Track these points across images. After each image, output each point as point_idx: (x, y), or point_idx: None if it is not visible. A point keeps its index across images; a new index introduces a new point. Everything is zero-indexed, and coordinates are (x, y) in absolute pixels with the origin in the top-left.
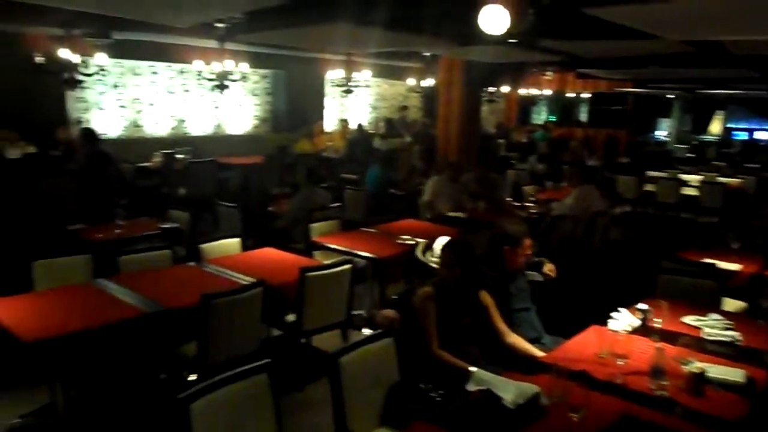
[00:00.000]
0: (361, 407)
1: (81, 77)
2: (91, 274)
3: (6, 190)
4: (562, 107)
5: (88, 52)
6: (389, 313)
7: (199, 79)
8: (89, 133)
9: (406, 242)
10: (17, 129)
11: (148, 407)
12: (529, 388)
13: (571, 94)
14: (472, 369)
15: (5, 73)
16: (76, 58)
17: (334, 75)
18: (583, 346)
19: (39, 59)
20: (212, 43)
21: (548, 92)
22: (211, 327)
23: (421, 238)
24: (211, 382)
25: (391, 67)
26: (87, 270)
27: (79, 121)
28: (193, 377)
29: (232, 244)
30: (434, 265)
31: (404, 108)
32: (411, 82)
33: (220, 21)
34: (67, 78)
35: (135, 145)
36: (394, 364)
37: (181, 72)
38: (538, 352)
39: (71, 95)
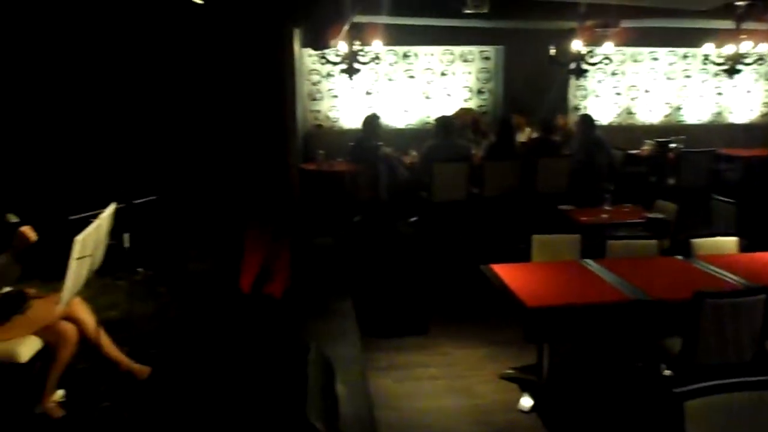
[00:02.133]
0: None
1: (586, 66)
2: (579, 253)
3: (517, 169)
4: None
5: (596, 42)
6: None
7: (704, 64)
8: (587, 119)
9: None
10: (526, 115)
11: (624, 390)
12: None
13: None
14: None
15: (522, 64)
16: (583, 49)
17: None
18: None
19: (552, 51)
20: (727, 24)
21: None
22: (702, 326)
23: None
24: (712, 384)
25: None
26: (576, 249)
27: (577, 108)
28: (667, 372)
29: (728, 242)
30: None
31: None
32: None
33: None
34: (574, 68)
35: (626, 131)
36: None
37: (684, 57)
38: None
39: (573, 84)
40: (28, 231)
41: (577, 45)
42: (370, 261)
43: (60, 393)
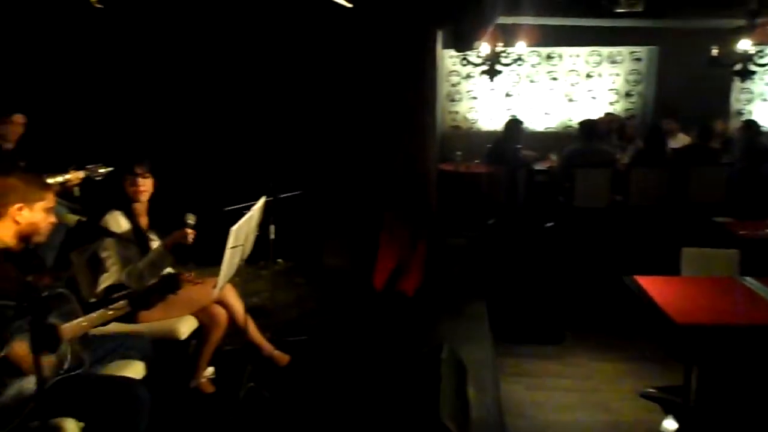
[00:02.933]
0: None
1: (754, 68)
2: (738, 270)
3: (667, 177)
4: None
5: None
6: None
7: None
8: (752, 125)
9: None
10: (679, 119)
11: None
12: None
13: None
14: None
15: (678, 66)
16: (752, 48)
17: None
18: None
19: (713, 51)
20: None
21: None
22: None
23: None
24: None
25: None
26: (733, 265)
27: (740, 113)
28: None
29: None
30: None
31: None
32: None
33: None
34: (739, 69)
35: None
36: None
37: None
38: None
39: (736, 87)
40: (189, 233)
41: (744, 44)
42: (505, 264)
43: (211, 370)
